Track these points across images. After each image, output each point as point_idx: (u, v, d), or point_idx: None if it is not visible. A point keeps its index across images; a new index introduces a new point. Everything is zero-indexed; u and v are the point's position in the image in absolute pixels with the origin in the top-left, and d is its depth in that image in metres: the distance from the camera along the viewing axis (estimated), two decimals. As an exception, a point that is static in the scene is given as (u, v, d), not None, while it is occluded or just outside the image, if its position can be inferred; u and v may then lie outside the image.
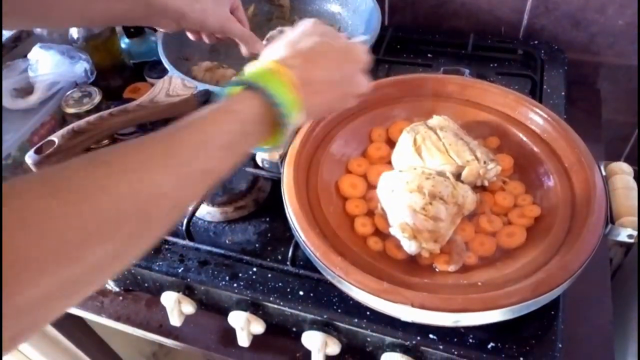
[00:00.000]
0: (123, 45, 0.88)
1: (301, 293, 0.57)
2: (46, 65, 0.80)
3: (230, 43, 0.73)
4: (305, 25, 0.50)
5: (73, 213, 0.29)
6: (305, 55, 0.46)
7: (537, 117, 0.63)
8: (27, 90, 0.80)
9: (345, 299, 0.54)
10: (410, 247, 0.52)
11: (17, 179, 0.29)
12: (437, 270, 0.53)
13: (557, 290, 0.46)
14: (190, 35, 0.72)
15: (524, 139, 0.62)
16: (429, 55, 0.89)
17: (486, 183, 0.58)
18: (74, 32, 0.83)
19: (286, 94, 0.42)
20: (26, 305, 0.26)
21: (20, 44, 0.93)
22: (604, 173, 0.55)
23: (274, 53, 0.46)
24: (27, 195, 0.28)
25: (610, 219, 0.51)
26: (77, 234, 0.28)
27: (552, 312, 0.53)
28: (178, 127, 0.37)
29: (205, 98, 0.71)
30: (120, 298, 0.69)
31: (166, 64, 0.74)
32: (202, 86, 0.70)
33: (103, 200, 0.30)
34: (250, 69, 0.44)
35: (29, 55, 0.82)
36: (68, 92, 0.78)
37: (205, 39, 0.72)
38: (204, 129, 0.38)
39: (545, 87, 0.79)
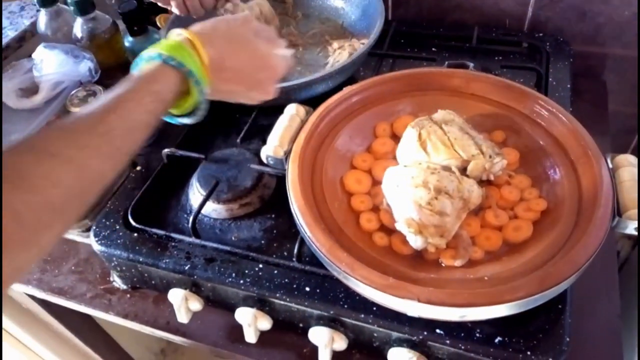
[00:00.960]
0: (127, 44, 0.88)
1: (307, 289, 0.57)
2: (50, 64, 0.80)
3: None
4: (241, 17, 0.54)
5: (26, 204, 0.32)
6: (227, 42, 0.49)
7: (542, 110, 0.62)
8: (32, 90, 0.81)
9: (351, 294, 0.54)
10: (416, 242, 0.52)
11: None
12: (443, 265, 0.52)
13: (563, 284, 0.46)
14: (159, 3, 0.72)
15: (530, 132, 0.62)
16: (433, 49, 0.88)
17: (492, 177, 0.58)
18: (77, 31, 0.83)
19: (200, 70, 0.47)
20: None
21: (25, 44, 0.94)
22: (610, 165, 0.55)
23: (200, 28, 0.49)
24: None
25: (618, 211, 0.51)
26: (31, 222, 0.32)
27: (560, 306, 0.52)
28: (107, 109, 0.40)
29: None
30: (128, 296, 0.69)
31: None
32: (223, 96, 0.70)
33: (53, 192, 0.34)
34: (171, 39, 0.47)
35: (33, 55, 0.82)
36: (73, 92, 0.78)
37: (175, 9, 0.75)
38: (130, 113, 0.42)
39: (550, 79, 0.78)
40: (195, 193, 0.68)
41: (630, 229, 0.50)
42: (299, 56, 0.86)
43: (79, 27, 0.82)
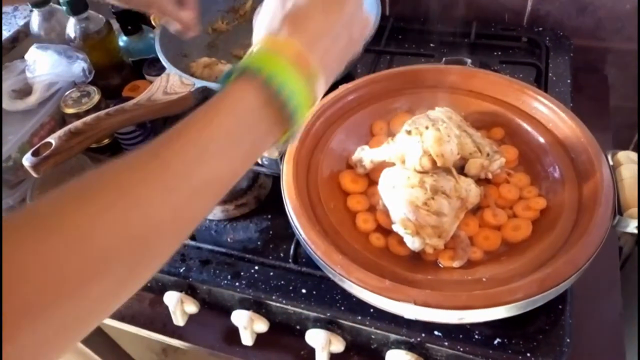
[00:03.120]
0: (121, 43, 0.87)
1: (304, 291, 0.56)
2: (44, 65, 0.79)
3: (228, 38, 0.73)
4: None
5: (69, 253, 0.27)
6: (297, 14, 0.39)
7: (542, 106, 0.61)
8: (25, 91, 0.80)
9: (348, 296, 0.53)
10: (413, 243, 0.51)
11: (7, 219, 0.27)
12: (441, 266, 0.52)
13: (563, 284, 0.45)
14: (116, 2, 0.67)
15: (529, 129, 0.61)
16: (431, 45, 0.87)
17: (490, 176, 0.57)
18: (70, 32, 0.82)
19: (289, 73, 0.36)
20: (26, 350, 0.25)
21: (18, 45, 0.93)
22: (611, 163, 0.54)
23: (264, 28, 0.39)
24: (21, 241, 0.26)
25: (619, 210, 0.50)
26: (74, 273, 0.27)
27: (560, 306, 0.51)
28: (170, 136, 0.33)
29: (204, 95, 0.70)
30: (124, 298, 0.69)
31: (164, 61, 0.73)
32: (199, 83, 0.69)
33: (98, 237, 0.28)
34: (245, 57, 0.37)
35: (26, 56, 0.82)
36: (67, 92, 0.77)
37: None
38: (198, 134, 0.33)
39: (550, 74, 0.77)
40: (190, 194, 0.67)
41: (632, 227, 0.49)
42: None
43: (72, 27, 0.82)
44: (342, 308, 0.54)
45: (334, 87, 0.66)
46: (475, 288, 0.47)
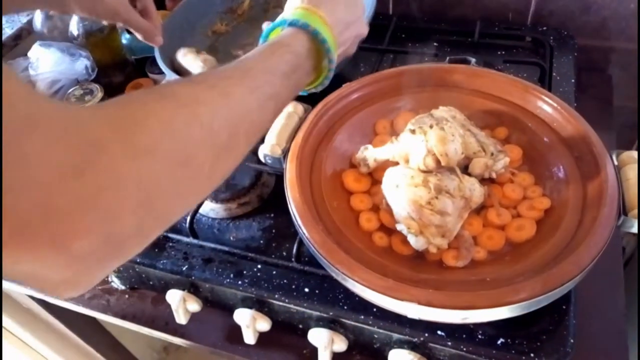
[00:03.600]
0: (124, 41, 0.87)
1: (306, 290, 0.56)
2: (47, 63, 0.79)
3: (228, 39, 0.72)
4: None
5: (174, 115, 0.32)
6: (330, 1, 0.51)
7: (546, 105, 0.61)
8: (28, 88, 0.80)
9: (351, 295, 0.53)
10: (417, 243, 0.51)
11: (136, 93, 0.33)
12: (444, 266, 0.51)
13: (568, 285, 0.45)
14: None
15: (533, 129, 0.61)
16: (434, 44, 0.87)
17: (494, 175, 0.57)
18: (74, 29, 0.82)
19: (327, 31, 0.48)
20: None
21: (21, 42, 0.93)
22: (616, 163, 0.54)
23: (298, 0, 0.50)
24: (147, 103, 0.31)
25: (623, 210, 0.50)
26: (182, 136, 0.31)
27: (564, 307, 0.51)
28: (244, 58, 0.43)
29: None
30: (126, 296, 0.69)
31: (162, 66, 0.73)
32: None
33: (202, 110, 0.34)
34: (288, 13, 0.49)
35: (29, 54, 0.82)
36: (69, 90, 0.77)
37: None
38: (266, 58, 0.44)
39: (554, 74, 0.77)
40: (193, 192, 0.67)
41: (636, 228, 0.49)
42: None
43: (75, 25, 0.81)
44: (345, 307, 0.54)
45: (337, 85, 0.66)
46: (479, 288, 0.46)
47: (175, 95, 0.33)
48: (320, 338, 0.56)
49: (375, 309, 0.52)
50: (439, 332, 0.51)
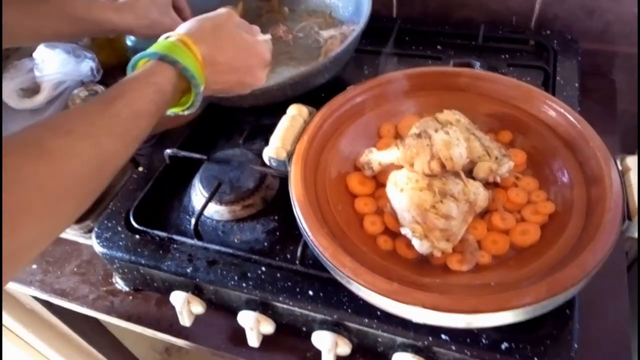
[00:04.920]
0: (129, 43, 0.87)
1: (310, 292, 0.56)
2: (52, 64, 0.80)
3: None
4: (224, 12, 0.58)
5: (53, 173, 0.36)
6: (215, 38, 0.53)
7: (550, 110, 0.61)
8: (33, 90, 0.80)
9: (355, 298, 0.53)
10: (421, 246, 0.51)
11: (5, 139, 0.35)
12: (449, 270, 0.51)
13: (572, 290, 0.45)
14: None
15: (537, 133, 0.61)
16: (438, 47, 0.87)
17: (498, 179, 0.57)
18: (79, 31, 0.82)
19: (197, 68, 0.50)
20: (21, 247, 0.34)
21: (27, 43, 0.93)
22: (620, 167, 0.54)
23: (188, 28, 0.53)
24: (18, 157, 0.35)
25: (627, 215, 0.50)
26: (53, 190, 0.36)
27: (568, 311, 0.51)
28: (113, 97, 0.44)
29: (206, 103, 0.70)
30: (130, 298, 0.69)
31: None
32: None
33: (74, 162, 0.38)
34: (163, 41, 0.51)
35: (34, 55, 0.82)
36: (74, 91, 0.78)
37: None
38: (134, 101, 0.45)
39: (558, 78, 0.77)
40: (197, 194, 0.67)
41: (636, 233, 0.49)
42: (291, 51, 0.85)
43: (80, 26, 0.82)
44: (349, 310, 0.54)
45: (342, 88, 0.66)
46: (483, 292, 0.46)
47: (49, 152, 0.37)
48: (324, 341, 0.56)
49: (379, 313, 0.52)
50: (443, 336, 0.51)
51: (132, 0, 0.67)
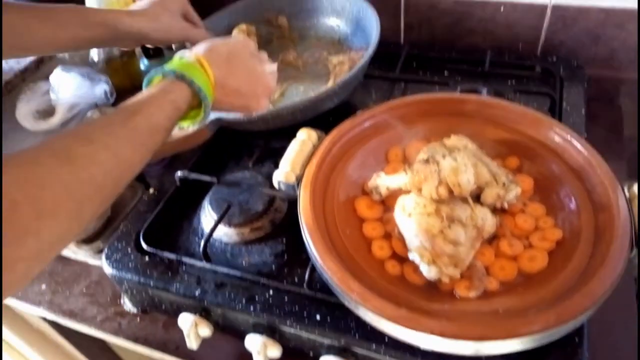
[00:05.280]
0: (142, 67, 0.89)
1: (318, 317, 0.56)
2: (67, 87, 0.81)
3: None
4: (241, 41, 0.62)
5: (77, 179, 0.38)
6: (229, 64, 0.58)
7: (556, 136, 0.62)
8: (48, 112, 0.82)
9: (363, 323, 0.53)
10: (429, 272, 0.51)
11: (35, 147, 0.38)
12: (457, 296, 0.51)
13: (581, 317, 0.45)
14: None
15: (545, 159, 0.61)
16: (445, 73, 0.88)
17: (506, 205, 0.57)
18: (94, 55, 0.84)
19: (209, 89, 0.54)
20: (44, 246, 0.36)
21: (43, 66, 0.95)
22: (627, 194, 0.54)
23: (206, 50, 0.57)
24: (47, 163, 0.37)
25: (636, 242, 0.50)
26: (77, 194, 0.38)
27: (577, 339, 0.51)
28: (133, 111, 0.47)
29: (217, 126, 0.71)
30: (138, 319, 0.69)
31: None
32: (213, 115, 0.70)
33: (95, 170, 0.41)
34: (179, 60, 0.55)
35: (50, 78, 0.84)
36: (88, 114, 0.80)
37: None
38: (153, 117, 0.48)
39: (564, 104, 0.78)
40: (207, 216, 0.68)
41: (646, 260, 0.49)
42: (300, 76, 0.87)
43: (95, 51, 0.84)
44: (357, 335, 0.54)
45: (350, 113, 0.67)
46: (491, 319, 0.46)
47: (74, 159, 0.39)
48: (331, 366, 0.56)
49: (386, 338, 0.52)
50: (450, 363, 0.51)
51: (145, 6, 0.70)
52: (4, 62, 0.95)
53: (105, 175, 0.42)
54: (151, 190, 0.73)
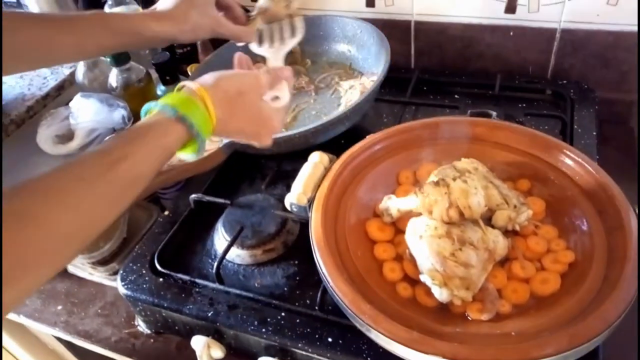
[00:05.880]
0: (159, 92, 0.91)
1: (330, 339, 0.56)
2: (86, 112, 0.84)
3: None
4: (251, 79, 0.56)
5: (36, 240, 0.36)
6: (233, 106, 0.52)
7: (567, 159, 0.62)
8: (68, 136, 0.85)
9: (374, 346, 0.53)
10: (441, 294, 0.51)
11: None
12: (469, 318, 0.51)
13: (595, 341, 0.45)
14: None
15: (556, 181, 0.62)
16: (456, 96, 0.89)
17: (517, 227, 0.57)
18: (112, 81, 0.87)
19: (207, 128, 0.50)
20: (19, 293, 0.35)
21: (63, 92, 0.99)
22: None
23: (212, 85, 0.51)
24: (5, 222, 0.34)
25: (650, 264, 0.50)
26: (36, 255, 0.36)
27: (592, 364, 0.50)
28: (118, 157, 0.42)
29: (232, 150, 0.73)
30: (152, 340, 0.70)
31: None
32: (226, 139, 0.72)
33: (60, 231, 0.38)
34: (181, 95, 0.49)
35: (70, 104, 0.87)
36: (106, 138, 0.82)
37: None
38: (138, 165, 0.44)
39: (575, 127, 0.78)
40: (220, 238, 0.69)
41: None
42: (312, 101, 0.88)
43: (114, 77, 0.87)
44: (369, 358, 0.54)
45: (361, 137, 0.68)
46: (504, 342, 0.46)
47: (34, 219, 0.36)
48: (343, 389, 0.56)
49: (398, 361, 0.52)
50: (463, 387, 0.50)
51: (170, 6, 0.65)
52: (26, 88, 0.98)
53: (68, 237, 0.38)
54: (166, 213, 0.74)
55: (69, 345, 0.91)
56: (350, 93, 0.86)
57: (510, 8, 0.86)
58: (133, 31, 0.63)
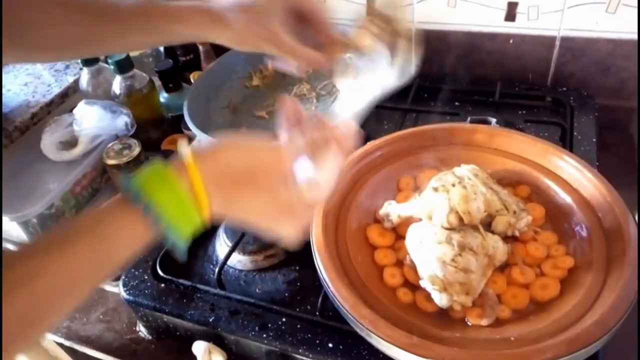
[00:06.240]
0: (162, 99, 0.92)
1: (330, 345, 0.56)
2: (90, 119, 0.85)
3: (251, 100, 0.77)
4: (271, 155, 0.42)
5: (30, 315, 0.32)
6: (239, 192, 0.39)
7: (567, 165, 0.62)
8: (71, 143, 0.85)
9: (375, 351, 0.53)
10: (441, 300, 0.51)
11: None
12: (469, 324, 0.52)
13: (594, 346, 0.45)
14: None
15: (555, 187, 0.62)
16: (456, 103, 0.90)
17: (517, 233, 0.58)
18: (116, 88, 0.88)
19: (185, 219, 0.37)
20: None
21: (67, 100, 0.99)
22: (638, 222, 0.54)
23: (211, 152, 0.39)
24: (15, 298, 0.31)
25: (649, 270, 0.50)
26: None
27: (592, 369, 0.50)
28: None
29: None
30: (153, 346, 0.70)
31: (190, 124, 0.77)
32: None
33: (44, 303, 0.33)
34: (176, 188, 0.36)
35: (74, 111, 0.87)
36: (109, 145, 0.82)
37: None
38: (104, 255, 0.35)
39: (575, 133, 0.78)
40: (221, 244, 0.69)
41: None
42: (313, 108, 0.89)
43: (117, 85, 0.88)
44: (369, 363, 0.54)
45: (362, 143, 0.69)
46: (503, 347, 0.46)
47: (29, 289, 0.32)
48: (343, 394, 0.56)
49: (399, 366, 0.52)
50: (463, 392, 0.50)
51: (236, 9, 0.54)
52: (31, 95, 0.99)
53: (52, 308, 0.34)
54: (168, 219, 0.74)
55: (71, 352, 0.91)
56: (352, 100, 0.86)
57: (510, 16, 0.87)
58: (182, 34, 0.55)
